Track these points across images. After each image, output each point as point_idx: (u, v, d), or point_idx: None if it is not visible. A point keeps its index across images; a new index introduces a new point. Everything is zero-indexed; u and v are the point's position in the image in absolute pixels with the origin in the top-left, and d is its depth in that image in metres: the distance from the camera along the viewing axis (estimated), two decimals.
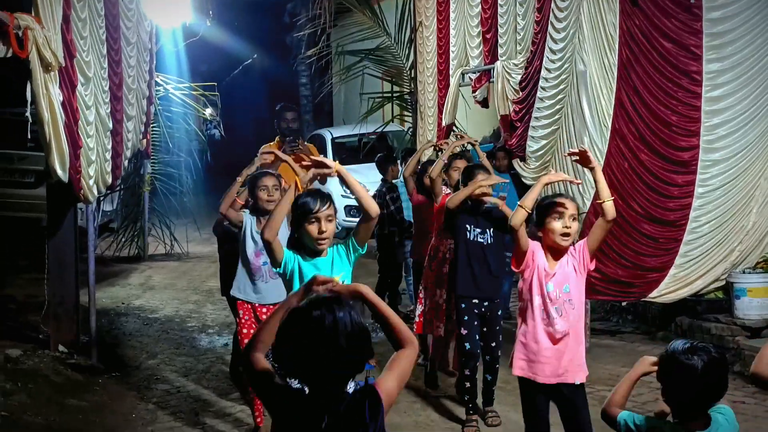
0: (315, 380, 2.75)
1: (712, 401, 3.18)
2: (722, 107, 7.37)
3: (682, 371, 3.12)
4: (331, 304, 2.74)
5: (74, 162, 6.52)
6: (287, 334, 2.74)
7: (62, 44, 6.25)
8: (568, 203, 4.46)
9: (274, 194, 5.64)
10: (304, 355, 2.69)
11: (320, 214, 4.20)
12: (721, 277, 7.61)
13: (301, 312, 2.75)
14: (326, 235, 4.23)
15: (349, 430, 2.72)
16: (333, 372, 2.72)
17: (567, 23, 7.50)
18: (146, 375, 7.33)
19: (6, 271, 10.20)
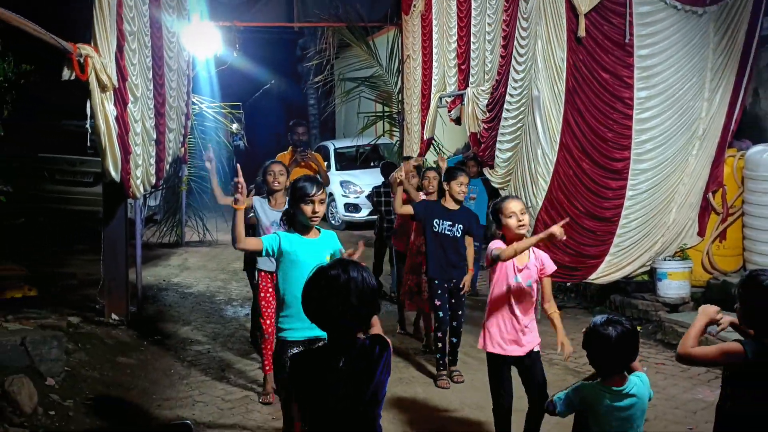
0: (330, 328, 2.74)
1: (626, 363, 3.22)
2: (649, 126, 7.43)
3: (601, 339, 3.16)
4: (347, 265, 2.74)
5: (125, 166, 6.52)
6: (312, 287, 2.74)
7: (116, 69, 6.25)
8: (515, 203, 4.48)
9: (278, 179, 5.73)
10: (322, 306, 2.71)
11: (315, 198, 4.18)
12: (646, 263, 7.66)
13: (323, 270, 2.76)
14: (318, 215, 4.21)
15: (361, 368, 2.71)
16: (343, 322, 2.71)
17: (526, 57, 7.51)
18: (182, 339, 7.35)
19: (68, 253, 10.19)
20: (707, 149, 7.62)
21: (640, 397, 3.23)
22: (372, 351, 2.73)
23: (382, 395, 2.75)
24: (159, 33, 8.11)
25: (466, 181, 6.04)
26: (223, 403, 5.71)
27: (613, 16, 7.27)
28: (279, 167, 5.83)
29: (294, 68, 24.91)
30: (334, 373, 2.68)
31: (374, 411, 2.75)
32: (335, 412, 2.69)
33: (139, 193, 7.17)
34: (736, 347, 3.14)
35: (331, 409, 2.69)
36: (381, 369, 2.73)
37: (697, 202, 7.67)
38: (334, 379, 2.67)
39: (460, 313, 6.13)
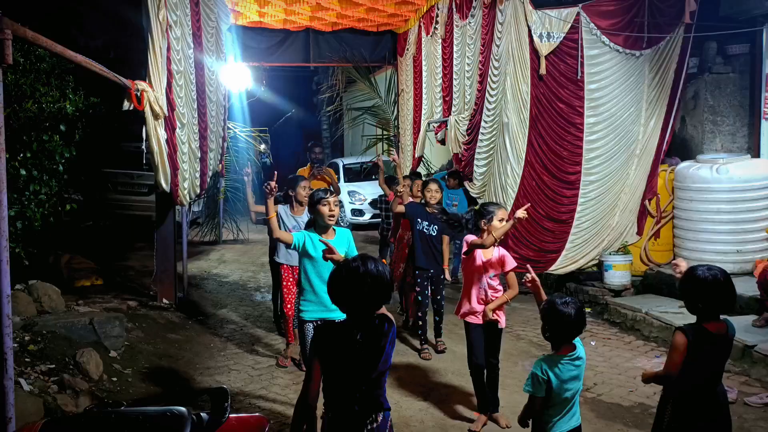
0: (350, 309, 2.75)
1: (576, 334, 3.21)
2: (596, 147, 7.46)
3: (559, 315, 3.15)
4: (366, 259, 2.76)
5: (174, 179, 6.53)
6: (336, 277, 2.77)
7: (166, 101, 6.26)
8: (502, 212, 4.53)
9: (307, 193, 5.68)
10: (346, 292, 2.72)
11: (330, 199, 4.18)
12: (596, 257, 7.67)
13: (346, 263, 2.79)
14: (334, 214, 4.18)
15: (373, 341, 2.73)
16: (364, 303, 2.72)
17: (497, 91, 7.53)
18: (219, 319, 7.36)
19: (128, 249, 10.20)
20: (644, 165, 7.64)
21: (583, 359, 3.23)
22: (381, 328, 2.75)
23: (388, 363, 2.78)
24: (201, 71, 8.13)
25: (435, 188, 6.11)
26: (252, 371, 5.73)
27: (567, 58, 7.29)
28: (307, 183, 5.85)
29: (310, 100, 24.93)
30: (353, 344, 2.70)
31: (382, 374, 2.78)
32: (353, 374, 2.72)
33: (186, 201, 7.18)
34: (681, 339, 3.10)
35: (351, 371, 2.72)
36: (389, 342, 2.75)
37: (636, 207, 7.69)
38: (354, 348, 2.70)
39: (439, 297, 6.13)
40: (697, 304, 3.13)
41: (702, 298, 3.10)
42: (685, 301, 3.20)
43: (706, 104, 7.99)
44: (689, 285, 3.14)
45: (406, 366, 5.78)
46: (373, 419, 2.72)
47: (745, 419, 4.65)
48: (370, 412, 2.72)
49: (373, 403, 2.74)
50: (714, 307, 3.12)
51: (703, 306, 3.11)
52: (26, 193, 5.38)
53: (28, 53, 5.47)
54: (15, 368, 4.47)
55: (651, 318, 6.44)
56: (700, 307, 3.12)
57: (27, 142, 5.38)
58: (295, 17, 10.57)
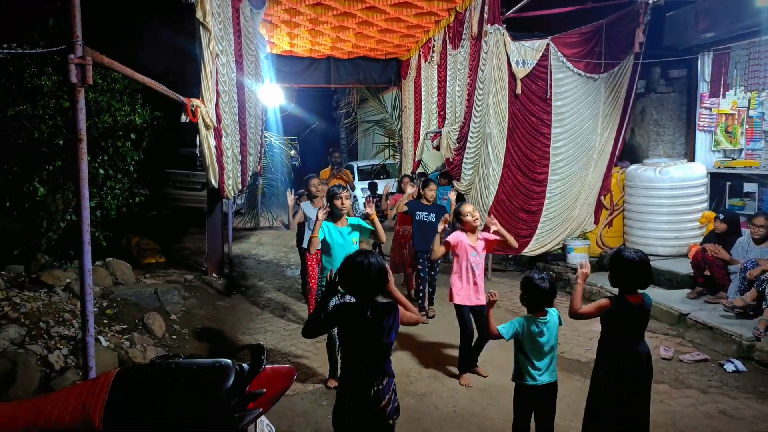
0: (360, 294, 2.78)
1: (548, 302, 3.23)
2: (560, 152, 7.42)
3: (536, 288, 3.17)
4: (367, 254, 2.78)
5: (221, 177, 6.53)
6: (345, 269, 2.77)
7: (215, 115, 6.27)
8: (467, 207, 4.47)
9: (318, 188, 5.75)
10: (353, 281, 2.75)
11: (341, 194, 4.18)
12: (561, 242, 7.65)
13: (351, 257, 2.80)
14: (345, 206, 4.17)
15: (380, 317, 2.75)
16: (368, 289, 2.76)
17: (482, 107, 7.50)
18: (258, 290, 7.38)
19: (185, 234, 10.25)
20: (600, 167, 7.59)
21: (553, 321, 3.24)
22: (388, 309, 2.78)
23: (392, 337, 2.79)
24: (243, 91, 8.10)
25: (433, 187, 6.10)
26: (284, 332, 5.75)
27: (539, 80, 7.24)
28: (316, 180, 5.86)
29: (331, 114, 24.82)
30: (364, 320, 2.73)
31: (388, 346, 2.80)
32: (364, 344, 2.75)
33: (231, 196, 7.18)
34: (605, 302, 3.15)
35: (362, 342, 2.75)
36: (391, 320, 2.77)
37: (593, 202, 7.65)
38: (364, 323, 2.74)
39: (434, 273, 6.14)
40: (626, 281, 3.12)
41: (630, 275, 3.10)
42: (613, 276, 3.18)
43: (651, 118, 7.93)
44: (618, 264, 3.14)
45: (405, 330, 5.80)
46: (380, 382, 2.74)
47: (680, 372, 4.65)
48: (377, 376, 2.75)
49: (380, 369, 2.76)
50: (637, 283, 3.12)
51: (632, 282, 3.11)
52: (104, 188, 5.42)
53: (105, 75, 5.49)
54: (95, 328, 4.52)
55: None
56: (630, 283, 3.12)
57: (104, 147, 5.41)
58: (318, 47, 10.56)
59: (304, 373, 4.69)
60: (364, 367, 2.73)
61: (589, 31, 7.25)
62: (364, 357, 2.73)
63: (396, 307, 2.81)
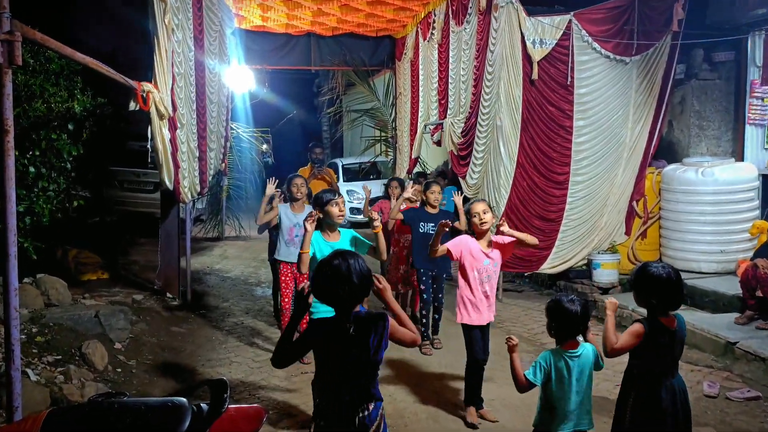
0: (339, 305, 2.75)
1: (579, 331, 3.23)
2: (584, 148, 7.48)
3: (566, 313, 3.17)
4: (345, 254, 2.76)
5: (177, 177, 6.53)
6: (320, 275, 2.74)
7: (170, 102, 6.25)
8: (477, 205, 4.44)
9: (301, 189, 5.76)
10: (331, 290, 2.72)
11: (338, 200, 4.18)
12: (585, 257, 7.69)
13: (327, 261, 2.76)
14: (343, 214, 4.17)
15: (365, 331, 2.73)
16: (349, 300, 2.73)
17: (491, 95, 7.55)
18: (221, 313, 7.36)
19: (133, 245, 10.19)
20: (631, 167, 7.65)
21: (586, 357, 3.23)
22: (375, 321, 2.76)
23: (379, 355, 2.77)
24: (202, 73, 8.10)
25: (437, 189, 6.07)
26: (252, 363, 5.73)
27: (558, 63, 7.30)
28: (301, 180, 5.86)
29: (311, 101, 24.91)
30: (345, 336, 2.71)
31: (374, 366, 2.78)
32: (346, 365, 2.73)
33: (188, 199, 7.16)
34: (639, 327, 3.17)
35: (343, 363, 2.72)
36: (382, 333, 2.75)
37: (624, 208, 7.70)
38: (346, 340, 2.71)
39: (441, 295, 6.11)
40: (650, 300, 3.16)
41: (655, 292, 3.14)
42: (637, 294, 3.22)
43: (693, 109, 8.01)
44: (643, 281, 3.17)
45: (402, 360, 5.79)
46: (365, 407, 2.73)
47: (727, 413, 4.67)
48: (362, 401, 2.73)
49: (365, 393, 2.75)
50: (664, 303, 3.16)
51: (656, 302, 3.14)
52: (35, 190, 5.38)
53: (37, 54, 5.47)
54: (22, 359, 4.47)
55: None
56: (654, 303, 3.15)
57: (36, 141, 5.38)
58: (296, 22, 10.57)
59: (276, 412, 4.66)
60: (347, 393, 2.72)
61: (619, 5, 7.32)
62: (347, 381, 2.71)
63: (385, 317, 2.79)
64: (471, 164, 8.03)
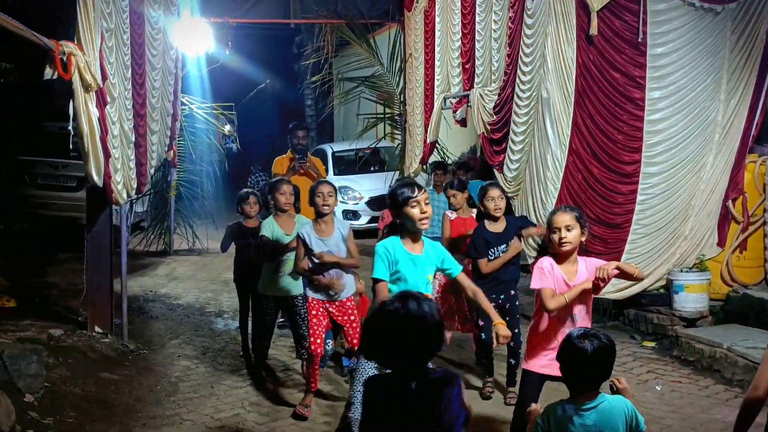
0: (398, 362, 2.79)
1: (599, 380, 3.22)
2: (661, 128, 7.44)
3: (573, 350, 3.17)
4: (406, 298, 2.82)
5: (107, 170, 6.52)
6: (374, 326, 2.83)
7: (99, 68, 6.25)
8: (559, 217, 4.36)
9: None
10: (386, 342, 2.78)
11: (419, 197, 4.12)
12: (663, 276, 7.63)
13: (383, 307, 2.85)
14: (428, 215, 4.15)
15: (434, 396, 2.77)
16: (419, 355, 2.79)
17: (533, 57, 7.52)
18: (169, 353, 7.33)
19: (50, 262, 10.18)
20: (725, 154, 7.61)
21: (607, 413, 3.21)
22: (445, 382, 2.80)
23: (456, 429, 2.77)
24: (141, 29, 8.08)
25: (497, 194, 5.97)
26: (212, 422, 5.69)
27: (626, 14, 7.28)
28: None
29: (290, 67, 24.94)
30: (407, 399, 2.75)
31: None
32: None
33: (122, 199, 7.15)
34: None
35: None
36: (456, 400, 2.77)
37: (715, 210, 7.66)
38: (409, 405, 2.75)
39: (517, 331, 5.95)
40: None
41: None
42: None
43: None
44: None
45: None
46: None
47: None
48: None
49: None
50: None
51: None
52: None
53: None
54: None
55: (735, 355, 6.42)
56: None
57: None
58: None
59: None
60: None
61: None
62: None
63: (456, 379, 2.83)
64: (508, 150, 8.00)
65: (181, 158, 12.60)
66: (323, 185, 5.74)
